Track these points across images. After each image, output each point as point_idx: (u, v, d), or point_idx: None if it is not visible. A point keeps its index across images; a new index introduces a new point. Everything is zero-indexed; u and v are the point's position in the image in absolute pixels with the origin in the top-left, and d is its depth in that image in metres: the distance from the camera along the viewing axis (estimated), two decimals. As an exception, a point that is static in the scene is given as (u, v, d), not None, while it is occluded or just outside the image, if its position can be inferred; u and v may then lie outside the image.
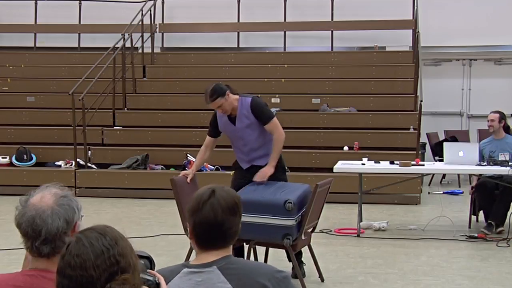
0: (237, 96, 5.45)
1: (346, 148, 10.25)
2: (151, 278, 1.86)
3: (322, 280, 5.46)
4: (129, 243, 1.77)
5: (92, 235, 1.73)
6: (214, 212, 2.26)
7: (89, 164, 10.51)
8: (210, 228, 2.27)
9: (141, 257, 1.96)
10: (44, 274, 2.08)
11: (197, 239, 2.31)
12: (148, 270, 1.91)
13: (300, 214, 5.05)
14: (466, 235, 7.15)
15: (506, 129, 7.61)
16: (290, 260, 5.61)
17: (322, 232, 7.36)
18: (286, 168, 5.87)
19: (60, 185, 2.22)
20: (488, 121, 7.59)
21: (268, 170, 5.37)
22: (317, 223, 5.48)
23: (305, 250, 5.46)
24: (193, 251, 5.27)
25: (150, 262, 2.02)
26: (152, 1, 13.19)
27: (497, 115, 7.53)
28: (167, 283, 2.25)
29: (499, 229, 7.21)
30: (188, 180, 5.56)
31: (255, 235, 4.99)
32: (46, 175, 9.86)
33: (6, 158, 10.77)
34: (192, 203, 2.32)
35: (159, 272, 2.32)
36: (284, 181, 5.54)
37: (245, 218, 4.97)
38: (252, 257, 5.35)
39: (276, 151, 5.43)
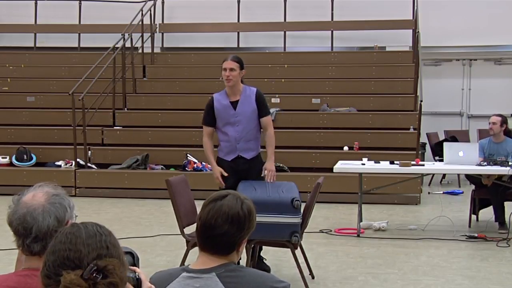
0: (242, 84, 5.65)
1: (346, 148, 10.25)
2: (131, 275, 1.85)
3: (313, 277, 5.49)
4: (121, 250, 1.75)
5: (89, 223, 1.74)
6: (210, 213, 2.24)
7: (89, 164, 10.51)
8: (203, 228, 2.26)
9: (124, 252, 1.94)
10: (37, 273, 2.05)
11: (196, 234, 2.31)
12: (129, 267, 1.89)
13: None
14: (466, 235, 7.15)
15: (507, 132, 7.60)
16: (256, 259, 5.53)
17: (322, 232, 7.36)
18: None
19: (53, 184, 2.20)
20: (489, 123, 7.58)
21: (273, 167, 5.55)
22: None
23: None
24: (189, 254, 5.26)
25: (133, 257, 2.00)
26: (152, 1, 13.19)
27: (499, 118, 7.51)
28: (165, 287, 2.24)
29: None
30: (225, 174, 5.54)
31: (262, 235, 4.98)
32: (46, 175, 9.85)
33: (6, 158, 10.77)
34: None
35: (158, 274, 2.31)
36: (262, 179, 5.59)
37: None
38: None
39: (273, 146, 5.59)
